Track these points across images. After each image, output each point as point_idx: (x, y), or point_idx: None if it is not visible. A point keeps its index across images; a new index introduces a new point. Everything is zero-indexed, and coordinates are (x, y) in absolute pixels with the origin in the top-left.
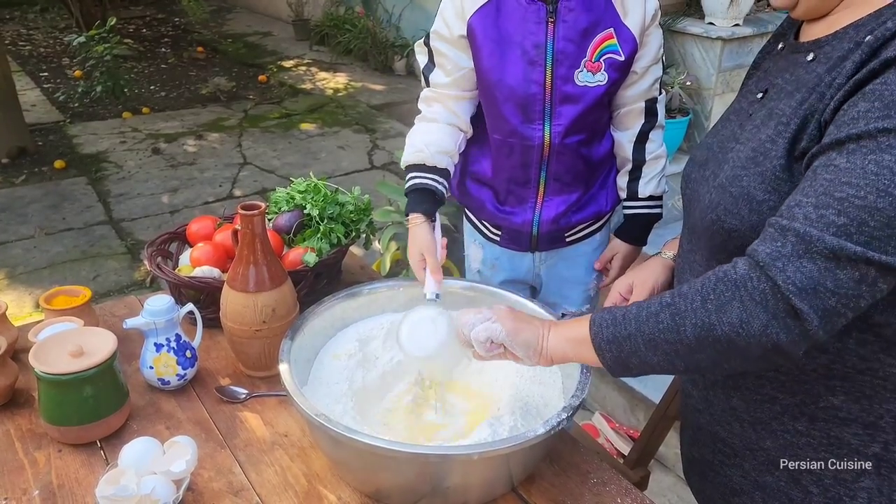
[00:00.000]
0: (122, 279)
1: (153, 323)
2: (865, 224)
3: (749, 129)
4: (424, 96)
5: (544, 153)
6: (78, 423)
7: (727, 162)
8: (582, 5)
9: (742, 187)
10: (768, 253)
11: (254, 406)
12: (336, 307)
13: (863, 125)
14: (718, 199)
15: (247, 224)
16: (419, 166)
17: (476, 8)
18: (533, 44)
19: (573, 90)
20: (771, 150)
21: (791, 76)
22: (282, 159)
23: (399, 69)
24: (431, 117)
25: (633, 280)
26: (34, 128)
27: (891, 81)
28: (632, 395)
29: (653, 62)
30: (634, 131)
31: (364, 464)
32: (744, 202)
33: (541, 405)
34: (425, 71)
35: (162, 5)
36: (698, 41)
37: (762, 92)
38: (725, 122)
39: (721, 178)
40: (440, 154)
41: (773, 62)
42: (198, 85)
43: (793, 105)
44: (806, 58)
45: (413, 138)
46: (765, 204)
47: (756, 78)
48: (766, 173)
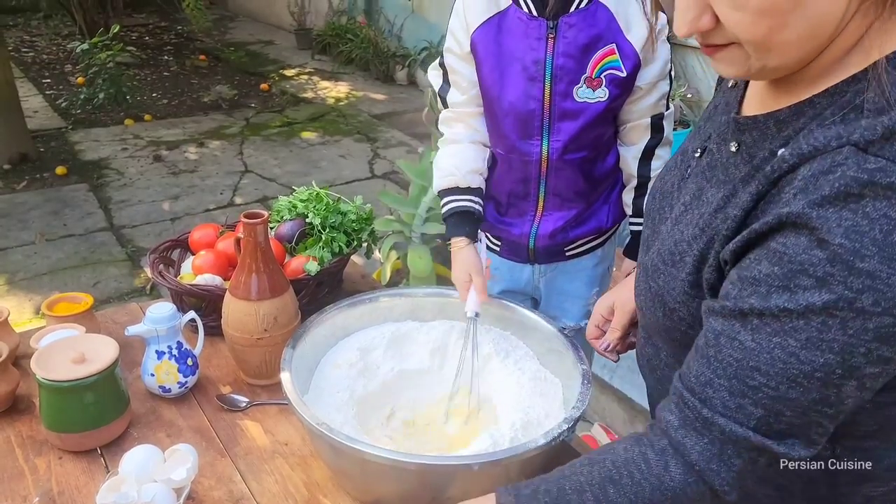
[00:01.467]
0: (123, 286)
1: (155, 330)
2: (782, 415)
3: (680, 202)
4: (444, 118)
5: (542, 169)
6: (79, 429)
7: (657, 238)
8: (583, 21)
9: (658, 285)
10: (700, 452)
11: (254, 414)
12: (338, 316)
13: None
14: (643, 286)
15: (249, 232)
16: (453, 189)
17: (479, 24)
18: (533, 60)
19: (572, 106)
20: (686, 256)
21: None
22: (283, 167)
23: (400, 79)
24: (454, 139)
25: (613, 300)
26: (36, 134)
27: (791, 245)
28: (631, 407)
29: (659, 78)
30: (640, 147)
31: (364, 473)
32: (658, 303)
33: (542, 416)
34: (441, 92)
35: (165, 13)
36: (699, 54)
37: (700, 150)
38: (674, 164)
39: (648, 259)
40: (472, 174)
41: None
42: (200, 93)
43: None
44: (730, 146)
45: (441, 163)
46: (675, 313)
47: (710, 105)
48: (677, 281)
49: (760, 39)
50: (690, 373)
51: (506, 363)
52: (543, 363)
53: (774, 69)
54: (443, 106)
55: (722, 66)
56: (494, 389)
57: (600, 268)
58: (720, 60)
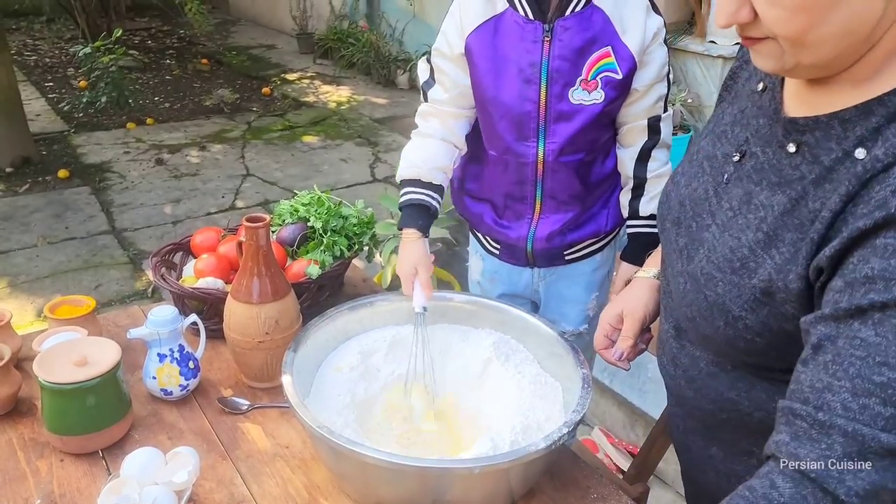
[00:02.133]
0: (124, 289)
1: (157, 333)
2: None
3: (725, 207)
4: (422, 111)
5: (538, 171)
6: (80, 432)
7: (702, 244)
8: (578, 24)
9: (717, 294)
10: (816, 459)
11: (255, 417)
12: (339, 319)
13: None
14: (693, 297)
15: (251, 236)
16: (414, 181)
17: (475, 26)
18: (529, 62)
19: (567, 108)
20: (749, 261)
21: (773, 158)
22: (284, 171)
23: (402, 83)
24: (427, 133)
25: (621, 309)
26: (38, 137)
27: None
28: (631, 411)
29: (656, 80)
30: (636, 149)
31: (365, 476)
32: (719, 312)
33: (542, 420)
34: (425, 86)
35: (167, 17)
36: (699, 59)
37: (739, 154)
38: (699, 172)
39: (695, 266)
40: (436, 170)
41: (751, 107)
42: (202, 96)
43: (775, 210)
44: (787, 147)
45: (409, 153)
46: (741, 321)
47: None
48: (744, 288)
49: (795, 35)
50: (803, 385)
51: (506, 366)
52: (543, 367)
53: (809, 66)
54: (423, 99)
55: (759, 58)
56: (495, 392)
57: (600, 272)
58: (757, 53)
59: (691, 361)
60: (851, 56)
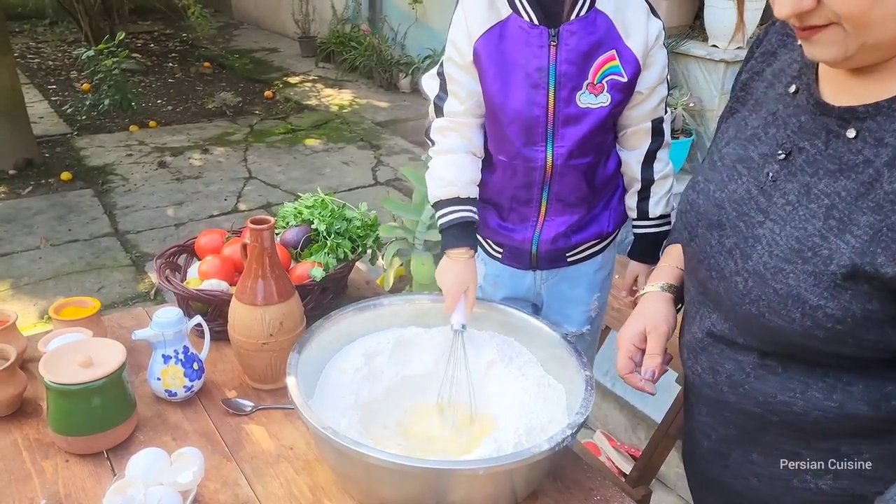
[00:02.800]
0: (127, 291)
1: (162, 335)
2: None
3: (780, 203)
4: (439, 127)
5: (546, 174)
6: (86, 433)
7: (759, 241)
8: (583, 28)
9: (789, 285)
10: None
11: (259, 418)
12: (343, 321)
13: None
14: (759, 292)
15: (256, 238)
16: (453, 200)
17: (481, 32)
18: (536, 67)
19: (575, 112)
20: (822, 248)
21: (826, 148)
22: (287, 174)
23: (404, 86)
24: (450, 148)
25: (643, 327)
26: (41, 140)
27: None
28: (633, 414)
29: (658, 82)
30: (642, 151)
31: (369, 477)
32: (793, 304)
33: (545, 421)
34: (437, 101)
35: (170, 21)
36: (702, 63)
37: (784, 152)
38: (734, 175)
39: (755, 263)
40: (470, 184)
41: (784, 109)
42: (204, 99)
43: (844, 196)
44: (845, 132)
45: (440, 172)
46: (820, 310)
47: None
48: (822, 276)
49: (859, 13)
50: None
51: (509, 369)
52: (546, 369)
53: (873, 48)
54: (436, 115)
55: (818, 48)
56: (498, 394)
57: (601, 273)
58: (817, 43)
59: (736, 366)
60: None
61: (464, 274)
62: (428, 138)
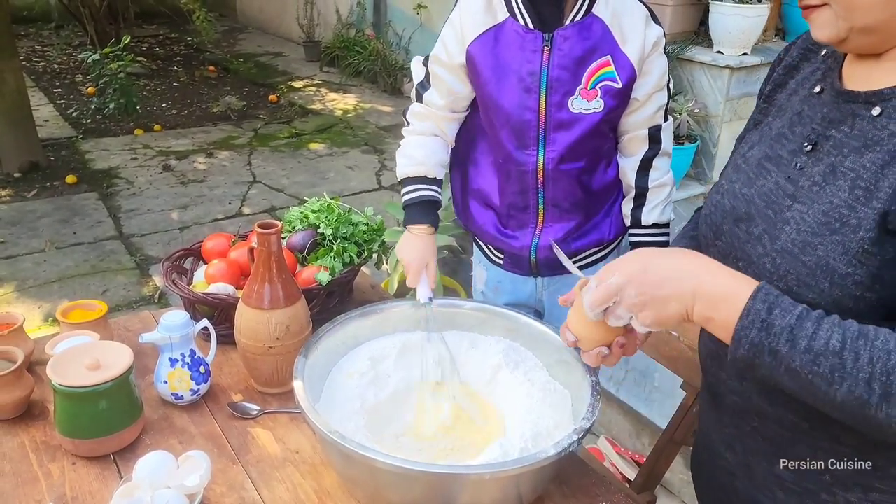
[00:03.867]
0: (131, 294)
1: (168, 338)
2: None
3: (807, 185)
4: (417, 111)
5: (539, 179)
6: (93, 435)
7: (787, 223)
8: (578, 34)
9: (818, 256)
10: None
11: (265, 422)
12: (349, 326)
13: None
14: (787, 268)
15: (263, 242)
16: (419, 178)
17: (475, 36)
18: (528, 71)
19: (567, 117)
20: (850, 217)
21: (852, 130)
22: (291, 178)
23: (408, 91)
24: (423, 130)
25: None
26: (47, 143)
27: None
28: (637, 420)
29: (655, 89)
30: (637, 158)
31: (375, 481)
32: (822, 274)
33: (551, 427)
34: (419, 88)
35: (175, 25)
36: (706, 69)
37: (810, 143)
38: (762, 172)
39: (784, 242)
40: (439, 166)
41: (809, 108)
42: (209, 103)
43: (869, 166)
44: (870, 111)
45: (409, 150)
46: (849, 278)
47: (784, 120)
48: (850, 244)
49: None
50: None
51: (515, 374)
52: (552, 374)
53: (862, 31)
54: (417, 99)
55: (816, 28)
56: (504, 399)
57: None
58: (814, 22)
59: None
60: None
61: (424, 249)
62: (405, 118)
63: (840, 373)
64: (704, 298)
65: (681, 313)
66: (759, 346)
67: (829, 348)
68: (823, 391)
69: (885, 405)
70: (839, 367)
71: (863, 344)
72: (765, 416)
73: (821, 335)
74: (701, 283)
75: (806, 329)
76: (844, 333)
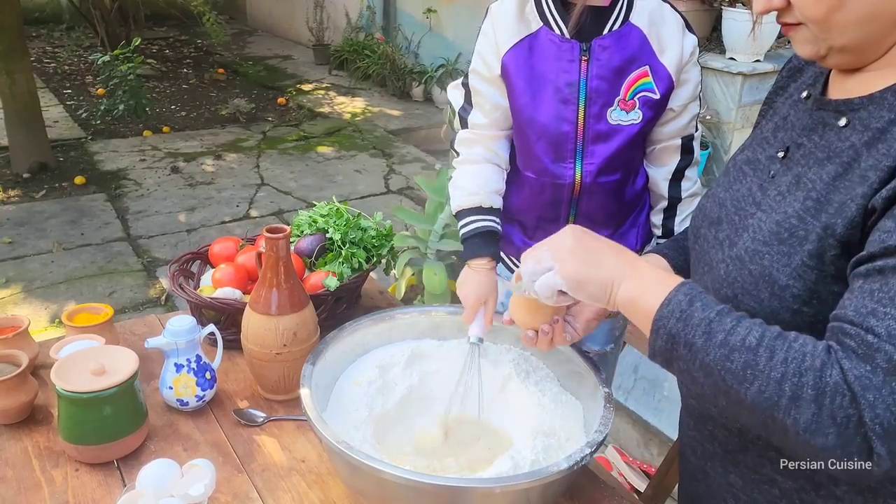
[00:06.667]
0: (138, 296)
1: (174, 343)
2: None
3: (772, 194)
4: (464, 139)
5: (575, 192)
6: (96, 442)
7: (746, 230)
8: (616, 44)
9: (763, 266)
10: (858, 377)
11: (271, 430)
12: (357, 333)
13: None
14: (735, 275)
15: (271, 247)
16: (475, 209)
17: (510, 46)
18: (566, 82)
19: (606, 128)
20: (799, 229)
21: (820, 140)
22: (299, 181)
23: (416, 95)
24: (474, 159)
25: None
26: (56, 144)
27: None
28: (646, 430)
29: (690, 99)
30: (670, 169)
31: (383, 493)
32: (764, 284)
33: (563, 439)
34: (462, 112)
35: (185, 27)
36: (719, 76)
37: (783, 150)
38: (740, 175)
39: (739, 249)
40: (494, 194)
41: (794, 112)
42: (218, 106)
43: (824, 178)
44: (837, 122)
45: (463, 182)
46: (788, 290)
47: (773, 123)
48: (794, 256)
49: (821, 18)
50: (847, 309)
51: (526, 384)
52: (564, 385)
53: (841, 50)
54: (461, 126)
55: (797, 45)
56: (515, 410)
57: None
58: (794, 39)
59: None
60: (882, 42)
61: (484, 285)
62: (453, 149)
63: (753, 370)
64: (634, 278)
65: (605, 283)
66: (676, 336)
67: (744, 344)
68: (735, 390)
69: (794, 409)
70: (752, 363)
71: (780, 343)
72: (716, 421)
73: (739, 331)
74: (635, 264)
75: (724, 324)
76: (763, 332)
